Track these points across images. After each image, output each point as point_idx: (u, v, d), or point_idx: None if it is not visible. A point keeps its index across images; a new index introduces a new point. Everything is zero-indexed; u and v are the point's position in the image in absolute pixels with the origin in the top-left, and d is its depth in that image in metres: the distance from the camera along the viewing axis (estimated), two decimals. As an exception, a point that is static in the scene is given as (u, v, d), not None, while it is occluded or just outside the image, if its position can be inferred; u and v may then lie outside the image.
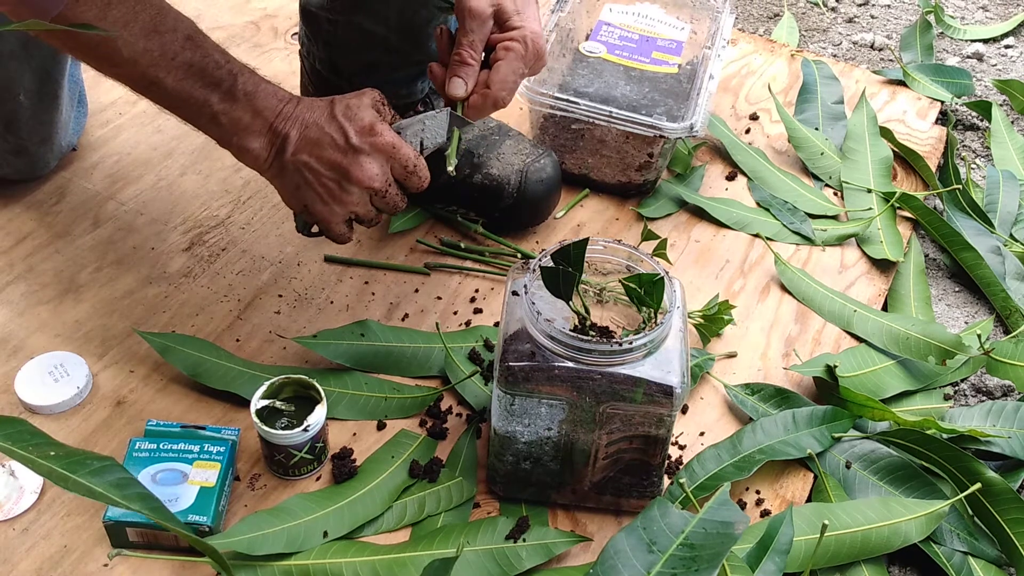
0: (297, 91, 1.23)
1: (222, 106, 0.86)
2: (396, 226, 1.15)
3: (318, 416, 0.86)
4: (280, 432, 0.85)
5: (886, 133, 1.34)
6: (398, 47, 1.06)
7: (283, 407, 0.88)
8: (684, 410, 1.00)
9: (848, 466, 0.95)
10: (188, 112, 0.86)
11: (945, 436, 0.96)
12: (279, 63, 1.38)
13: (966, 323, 1.17)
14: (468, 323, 1.06)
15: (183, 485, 0.84)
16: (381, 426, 0.95)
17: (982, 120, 1.49)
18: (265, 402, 0.87)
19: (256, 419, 0.85)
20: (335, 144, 0.87)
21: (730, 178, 1.29)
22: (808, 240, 1.21)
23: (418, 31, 1.05)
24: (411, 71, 1.10)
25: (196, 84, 0.84)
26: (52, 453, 0.62)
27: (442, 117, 0.92)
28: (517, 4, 0.91)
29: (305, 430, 0.85)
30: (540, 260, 0.81)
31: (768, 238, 1.20)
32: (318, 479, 0.90)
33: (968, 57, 1.64)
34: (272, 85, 0.89)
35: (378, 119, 0.88)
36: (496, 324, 1.05)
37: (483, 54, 0.92)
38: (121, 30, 0.79)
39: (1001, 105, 1.50)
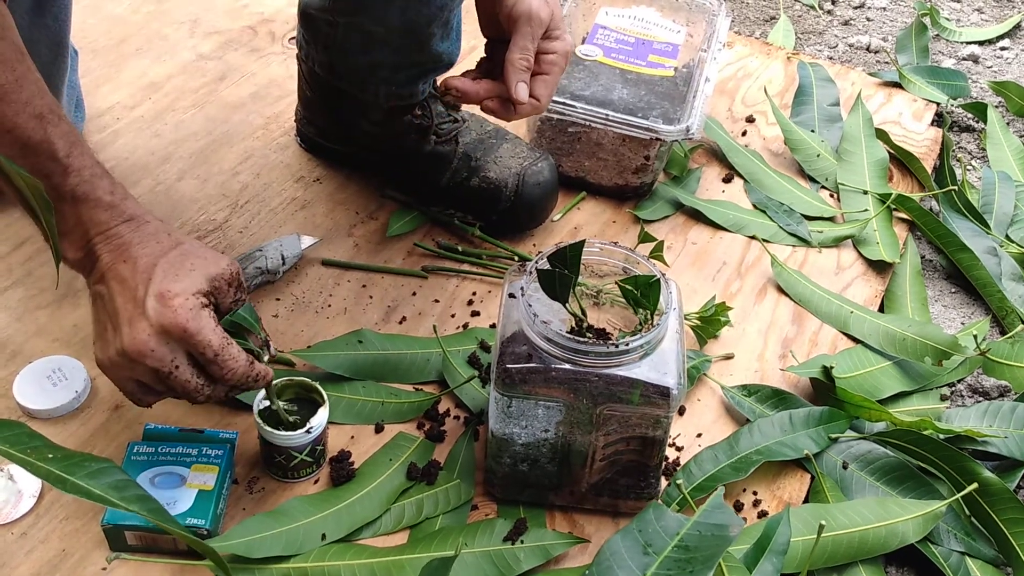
0: (295, 95, 1.23)
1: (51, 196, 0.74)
2: (394, 229, 1.15)
3: (321, 418, 0.86)
4: (282, 433, 0.85)
5: (882, 135, 1.35)
6: (399, 48, 1.06)
7: (286, 408, 0.88)
8: (681, 411, 1.00)
9: (845, 467, 0.95)
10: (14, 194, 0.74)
11: (942, 436, 0.96)
12: (276, 67, 1.39)
13: (962, 324, 1.17)
14: (465, 326, 1.06)
15: (181, 488, 0.84)
16: (379, 429, 0.95)
17: (978, 122, 1.50)
18: (267, 403, 0.87)
19: (259, 419, 0.86)
20: (132, 292, 0.75)
21: (726, 180, 1.30)
22: (804, 242, 1.21)
23: (420, 32, 1.05)
24: (412, 72, 1.10)
25: (27, 166, 0.73)
26: (50, 456, 0.62)
27: (292, 241, 0.97)
28: (559, 11, 0.92)
29: (307, 431, 0.86)
30: (537, 263, 0.81)
31: (765, 240, 1.20)
32: (316, 482, 0.90)
33: (964, 59, 1.65)
34: (117, 196, 0.78)
35: (192, 294, 0.75)
36: (493, 327, 1.05)
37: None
38: None
39: (996, 107, 1.51)
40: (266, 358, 0.82)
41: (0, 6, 0.72)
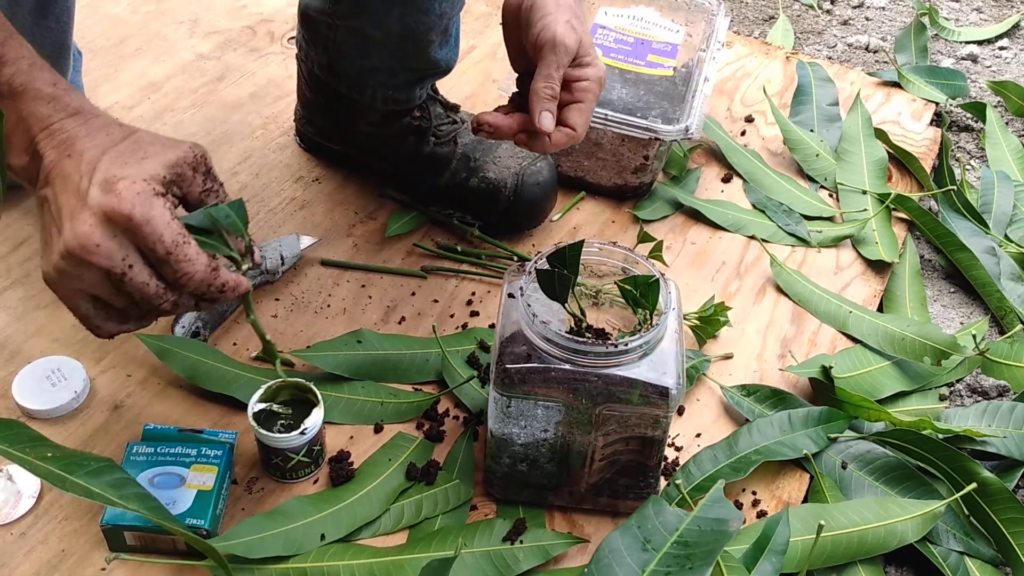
0: (294, 95, 1.23)
1: None
2: (393, 230, 1.15)
3: (315, 419, 0.86)
4: (277, 435, 0.85)
5: (881, 135, 1.35)
6: (397, 53, 1.06)
7: (280, 410, 0.88)
8: (680, 411, 1.00)
9: (844, 466, 0.95)
10: None
11: (941, 436, 0.96)
12: (275, 67, 1.39)
13: (961, 324, 1.17)
14: (465, 326, 1.06)
15: (180, 489, 0.84)
16: (378, 429, 0.95)
17: (976, 121, 1.50)
18: (262, 405, 0.87)
19: (253, 422, 0.86)
20: (77, 185, 0.66)
21: (726, 180, 1.30)
22: (804, 242, 1.21)
23: (418, 38, 1.05)
24: (410, 76, 1.10)
25: None
26: (49, 455, 0.62)
27: (291, 241, 0.92)
28: (588, 38, 0.88)
29: (302, 433, 0.86)
30: (536, 263, 0.81)
31: (764, 240, 1.20)
32: (315, 482, 0.90)
33: (962, 59, 1.65)
34: (59, 88, 0.69)
35: (143, 179, 0.66)
36: (492, 327, 1.05)
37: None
38: None
39: (995, 106, 1.51)
40: (246, 267, 0.73)
41: None
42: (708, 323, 1.06)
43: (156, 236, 0.65)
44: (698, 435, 0.98)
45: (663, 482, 0.92)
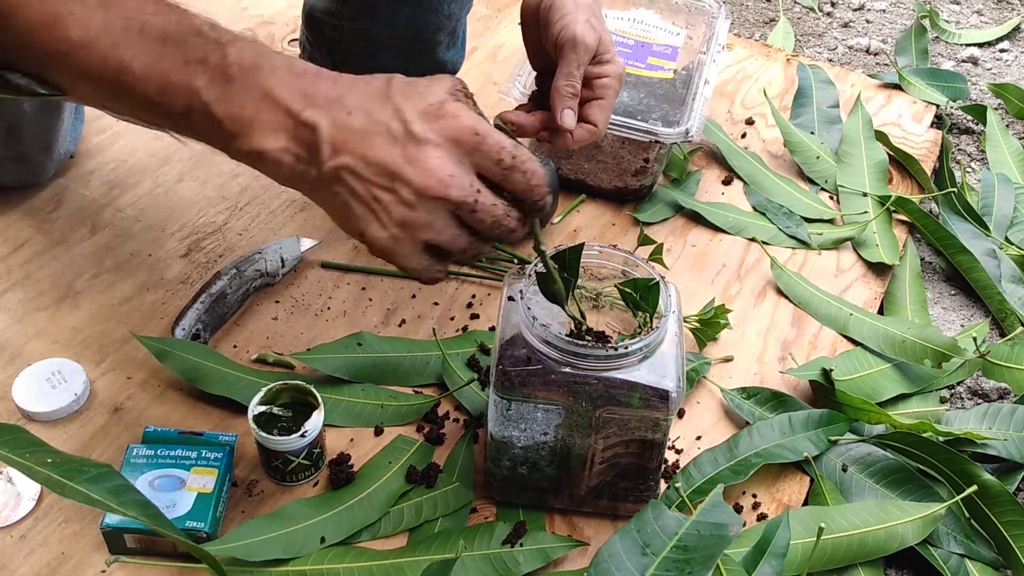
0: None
1: (213, 91, 0.62)
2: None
3: (315, 422, 0.86)
4: (277, 438, 0.85)
5: (881, 137, 1.35)
6: (405, 55, 1.06)
7: (280, 413, 0.88)
8: (681, 414, 1.00)
9: (844, 469, 0.95)
10: (169, 113, 0.63)
11: (941, 439, 0.96)
12: (276, 70, 1.38)
13: (962, 326, 1.17)
14: (465, 328, 1.06)
15: (180, 491, 0.84)
16: (379, 432, 0.95)
17: (977, 124, 1.50)
18: (262, 408, 0.87)
19: (253, 425, 0.86)
20: (388, 133, 0.63)
21: (726, 183, 1.30)
22: (804, 244, 1.21)
23: (426, 39, 1.05)
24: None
25: (174, 62, 0.61)
26: (49, 460, 0.62)
27: (291, 243, 0.91)
28: (607, 35, 0.88)
29: (302, 435, 0.86)
30: (536, 265, 0.81)
31: (764, 242, 1.20)
32: (315, 485, 0.90)
33: (963, 61, 1.65)
34: (283, 56, 0.65)
35: (453, 99, 0.67)
36: (492, 329, 1.05)
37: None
38: (70, 3, 0.59)
39: (996, 109, 1.51)
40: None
41: None
42: (708, 326, 1.06)
43: (498, 145, 0.65)
44: (698, 438, 0.98)
45: (663, 485, 0.92)
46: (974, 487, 0.89)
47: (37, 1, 0.59)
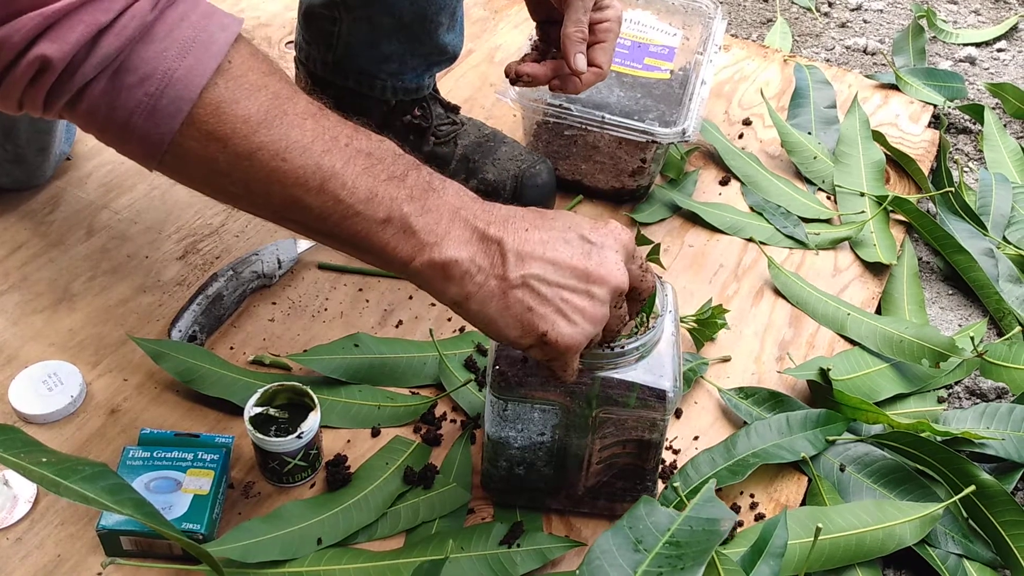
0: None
1: (413, 205, 0.67)
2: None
3: (311, 423, 0.86)
4: (274, 439, 0.85)
5: (879, 137, 1.35)
6: (407, 39, 1.07)
7: (277, 414, 0.88)
8: (678, 414, 1.00)
9: (842, 469, 0.95)
10: (367, 222, 0.66)
11: (939, 438, 0.96)
12: (273, 71, 1.38)
13: (960, 326, 1.17)
14: (462, 329, 1.06)
15: (177, 493, 0.84)
16: (375, 433, 0.95)
17: (974, 123, 1.50)
18: (259, 409, 0.87)
19: (249, 426, 0.85)
20: (568, 244, 0.69)
21: (723, 183, 1.30)
22: (801, 244, 1.21)
23: (428, 21, 1.06)
24: (419, 64, 1.11)
25: (379, 176, 0.66)
26: (44, 460, 0.62)
27: (288, 245, 1.02)
28: None
29: (299, 437, 0.85)
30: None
31: (761, 242, 1.20)
32: (312, 486, 0.90)
33: (960, 61, 1.65)
34: (452, 182, 0.71)
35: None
36: (490, 330, 1.05)
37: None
38: (285, 117, 0.64)
39: (993, 108, 1.51)
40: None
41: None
42: (706, 326, 1.06)
43: (640, 253, 0.75)
44: (696, 438, 0.98)
45: (661, 485, 0.92)
46: (972, 487, 0.89)
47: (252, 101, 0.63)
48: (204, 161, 0.64)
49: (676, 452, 0.96)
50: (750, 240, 1.20)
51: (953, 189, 1.28)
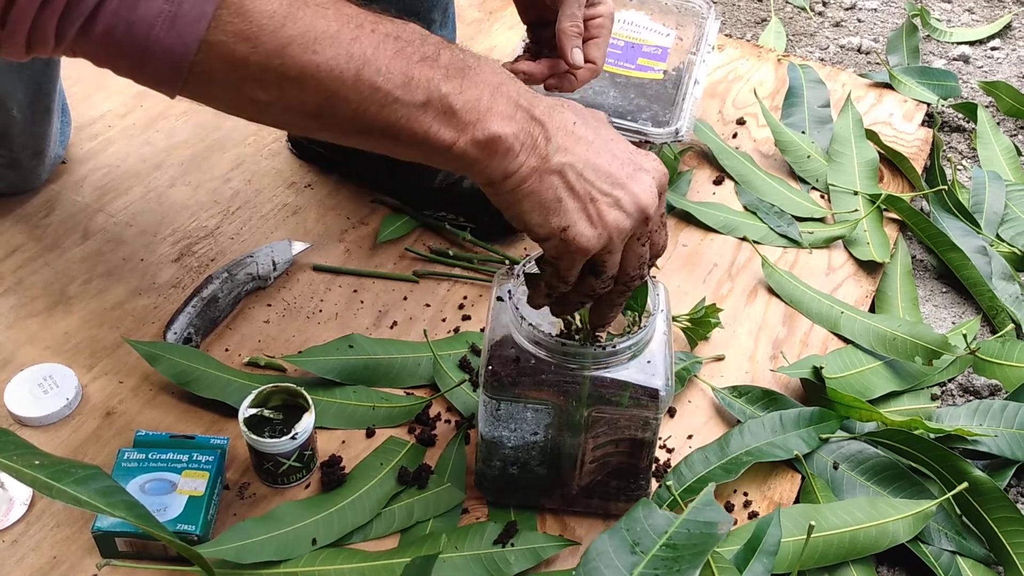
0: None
1: (451, 84, 0.64)
2: (384, 235, 1.15)
3: (306, 424, 0.87)
4: (268, 440, 0.85)
5: (872, 136, 1.35)
6: None
7: (271, 415, 0.88)
8: (672, 413, 1.00)
9: (836, 467, 0.95)
10: (406, 108, 0.63)
11: (932, 436, 0.96)
12: (268, 74, 1.39)
13: (953, 323, 1.17)
14: (457, 330, 1.06)
15: (172, 494, 0.84)
16: (370, 433, 0.95)
17: (968, 122, 1.50)
18: (253, 410, 0.88)
19: (244, 428, 0.86)
20: (611, 152, 0.68)
21: (717, 182, 1.30)
22: (795, 243, 1.21)
23: (422, 16, 1.07)
24: None
25: (411, 58, 0.63)
26: (37, 462, 0.62)
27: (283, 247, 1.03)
28: None
29: (293, 438, 0.86)
30: (524, 266, 0.81)
31: (755, 241, 1.20)
32: (307, 487, 0.91)
33: (954, 59, 1.65)
34: (490, 59, 0.69)
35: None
36: (484, 330, 1.05)
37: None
38: (307, 8, 0.61)
39: (987, 107, 1.51)
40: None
41: None
42: (699, 325, 1.06)
43: (664, 214, 0.73)
44: (690, 437, 0.98)
45: (654, 484, 0.92)
46: (965, 484, 0.89)
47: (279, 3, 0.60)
48: (233, 67, 0.60)
49: (670, 451, 0.96)
50: (744, 239, 1.21)
51: (946, 187, 1.29)
